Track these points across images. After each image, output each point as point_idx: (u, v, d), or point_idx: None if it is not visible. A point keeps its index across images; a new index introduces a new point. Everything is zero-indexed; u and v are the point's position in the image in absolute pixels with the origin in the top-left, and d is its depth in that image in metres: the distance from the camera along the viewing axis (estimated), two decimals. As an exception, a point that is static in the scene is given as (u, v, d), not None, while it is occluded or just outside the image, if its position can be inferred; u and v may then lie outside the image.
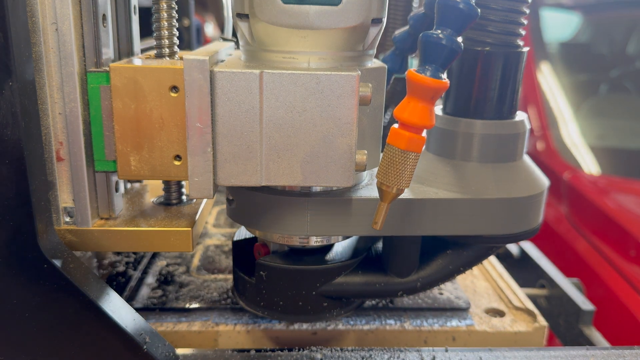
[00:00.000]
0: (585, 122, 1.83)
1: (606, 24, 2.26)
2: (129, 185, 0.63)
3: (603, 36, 2.24)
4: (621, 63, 2.10)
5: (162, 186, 0.58)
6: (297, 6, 0.45)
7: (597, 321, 0.74)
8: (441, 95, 0.44)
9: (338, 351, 0.54)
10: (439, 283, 0.58)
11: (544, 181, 0.57)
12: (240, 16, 0.48)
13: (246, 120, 0.45)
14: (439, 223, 0.53)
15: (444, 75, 0.43)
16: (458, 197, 0.52)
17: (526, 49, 0.53)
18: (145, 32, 0.63)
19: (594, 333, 0.70)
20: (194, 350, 0.54)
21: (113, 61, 0.51)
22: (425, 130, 0.44)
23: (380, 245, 0.61)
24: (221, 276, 0.72)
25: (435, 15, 0.44)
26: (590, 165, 1.66)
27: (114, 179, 0.53)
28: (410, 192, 0.53)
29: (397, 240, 0.55)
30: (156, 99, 0.47)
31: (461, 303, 0.67)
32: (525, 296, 0.70)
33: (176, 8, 0.52)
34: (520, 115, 0.56)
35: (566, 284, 0.76)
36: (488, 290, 0.72)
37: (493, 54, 0.52)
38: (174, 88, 0.47)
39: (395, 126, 0.44)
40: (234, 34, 0.62)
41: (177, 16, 0.52)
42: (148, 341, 0.48)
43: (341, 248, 0.59)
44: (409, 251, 0.56)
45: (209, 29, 2.06)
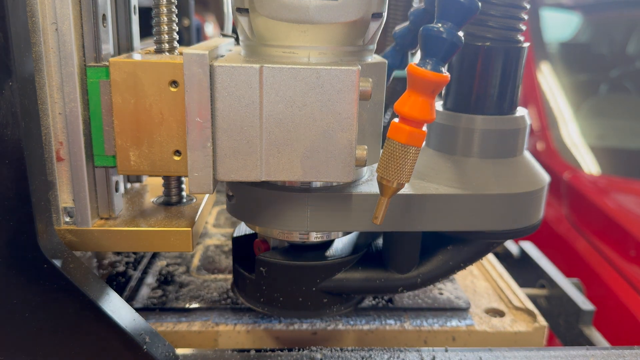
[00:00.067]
0: (585, 122, 1.83)
1: (606, 24, 2.26)
2: (129, 185, 0.63)
3: (603, 36, 2.24)
4: (621, 63, 2.10)
5: (162, 186, 0.58)
6: (297, 0, 0.45)
7: (597, 321, 0.74)
8: (442, 89, 0.44)
9: (338, 351, 0.54)
10: (440, 279, 0.58)
11: (545, 177, 0.57)
12: (240, 11, 0.48)
13: (246, 115, 0.45)
14: (440, 219, 0.53)
15: (445, 69, 0.43)
16: (458, 193, 0.52)
17: (527, 44, 0.53)
18: (145, 32, 0.63)
19: (594, 333, 0.70)
20: (194, 350, 0.54)
21: (113, 61, 0.51)
22: (425, 124, 0.44)
23: (380, 241, 0.61)
24: (221, 276, 0.72)
25: (436, 8, 0.44)
26: (590, 165, 1.66)
27: (114, 179, 0.53)
28: (410, 188, 0.53)
29: (398, 236, 0.55)
30: (156, 94, 0.47)
31: (461, 303, 0.67)
32: (525, 296, 0.70)
33: (176, 3, 0.52)
34: (520, 110, 0.56)
35: (566, 284, 0.76)
36: (488, 290, 0.72)
37: (493, 49, 0.52)
38: (174, 83, 0.47)
39: (395, 120, 0.44)
40: (234, 31, 0.62)
41: (177, 11, 0.52)
42: (148, 341, 0.48)
43: (341, 244, 0.59)
44: (410, 247, 0.56)
45: (209, 29, 2.06)
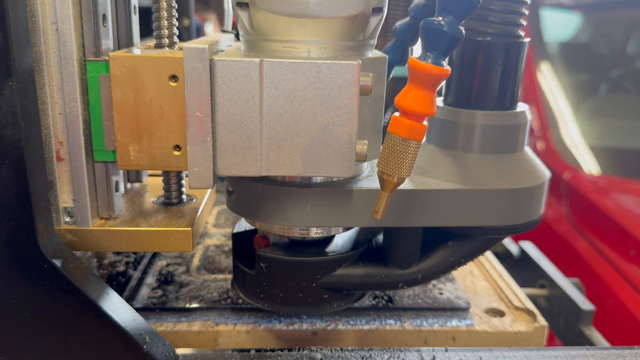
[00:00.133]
0: (585, 122, 1.83)
1: (606, 24, 2.26)
2: (129, 185, 0.63)
3: (603, 36, 2.24)
4: (621, 63, 2.10)
5: (162, 186, 0.58)
6: None
7: (597, 321, 0.74)
8: (443, 82, 0.44)
9: (338, 351, 0.54)
10: (440, 275, 0.58)
11: (545, 172, 0.57)
12: (240, 5, 0.48)
13: (246, 109, 0.45)
14: (440, 214, 0.53)
15: (446, 62, 0.43)
16: (459, 188, 0.52)
17: (527, 40, 0.53)
18: (145, 32, 0.63)
19: (594, 333, 0.70)
20: (194, 350, 0.54)
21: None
22: (426, 118, 0.44)
23: (380, 237, 0.61)
24: (221, 276, 0.72)
25: (436, 2, 0.44)
26: (590, 165, 1.66)
27: (114, 179, 0.53)
28: (411, 183, 0.53)
29: (398, 231, 0.55)
30: (155, 89, 0.47)
31: (461, 303, 0.67)
32: (525, 296, 0.70)
33: None
34: (521, 106, 0.56)
35: (566, 284, 0.76)
36: (488, 290, 0.72)
37: (494, 44, 0.52)
38: (174, 77, 0.47)
39: (396, 114, 0.44)
40: (234, 28, 0.62)
41: (177, 6, 0.52)
42: (148, 341, 0.48)
43: (342, 240, 0.59)
44: (410, 243, 0.56)
45: (209, 29, 2.06)
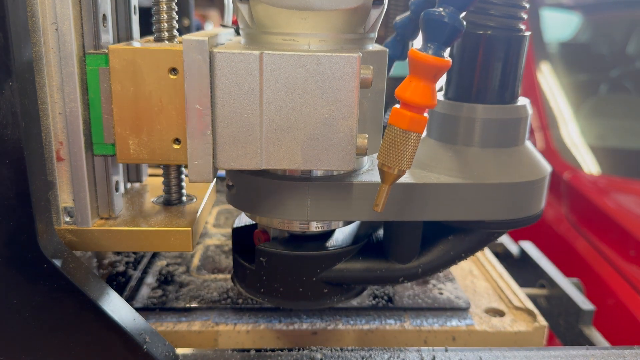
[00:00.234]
0: (585, 122, 1.83)
1: (606, 24, 2.26)
2: (129, 185, 0.63)
3: (603, 36, 2.23)
4: (621, 63, 2.10)
5: (162, 186, 0.58)
6: None
7: (597, 321, 0.74)
8: (443, 74, 0.44)
9: (338, 351, 0.54)
10: (441, 269, 0.58)
11: (546, 167, 0.57)
12: None
13: (246, 102, 0.45)
14: (441, 208, 0.53)
15: (446, 54, 0.43)
16: (460, 182, 0.52)
17: (528, 33, 0.53)
18: (145, 32, 0.63)
19: (594, 333, 0.70)
20: (194, 350, 0.54)
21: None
22: (427, 110, 0.44)
23: (381, 232, 0.61)
24: (221, 276, 0.72)
25: None
26: (590, 165, 1.66)
27: (114, 179, 0.53)
28: (411, 177, 0.53)
29: (398, 225, 0.55)
30: (155, 82, 0.47)
31: (461, 303, 0.67)
32: (525, 296, 0.70)
33: None
34: (522, 100, 0.56)
35: (566, 284, 0.76)
36: (488, 290, 0.72)
37: (495, 38, 0.52)
38: (173, 70, 0.47)
39: (396, 106, 0.44)
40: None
41: (177, 1, 0.52)
42: (148, 341, 0.48)
43: (342, 234, 0.59)
44: (410, 237, 0.56)
45: (209, 29, 2.06)
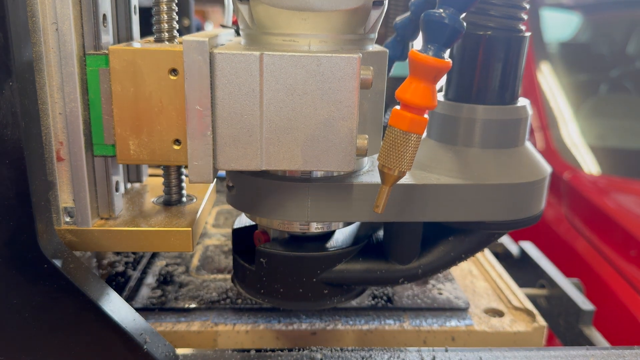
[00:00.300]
0: (585, 122, 1.83)
1: (606, 24, 2.25)
2: (129, 185, 0.63)
3: (603, 36, 2.23)
4: (621, 63, 2.10)
5: (162, 186, 0.58)
6: None
7: (597, 321, 0.74)
8: (444, 75, 0.44)
9: (338, 351, 0.54)
10: (441, 270, 0.58)
11: (546, 167, 0.57)
12: None
13: (246, 103, 0.45)
14: (441, 209, 0.53)
15: (447, 55, 0.43)
16: (460, 183, 0.52)
17: (528, 34, 0.53)
18: (145, 32, 0.63)
19: (594, 333, 0.70)
20: (194, 350, 0.54)
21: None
22: (427, 111, 0.44)
23: (381, 232, 0.61)
24: (220, 276, 0.72)
25: None
26: (590, 165, 1.66)
27: (114, 179, 0.53)
28: (411, 178, 0.53)
29: (399, 226, 0.55)
30: (155, 82, 0.47)
31: (460, 303, 0.67)
32: (524, 296, 0.70)
33: None
34: (522, 101, 0.56)
35: (566, 284, 0.76)
36: (487, 290, 0.72)
37: (495, 38, 0.52)
38: (173, 71, 0.47)
39: (397, 107, 0.44)
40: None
41: (177, 1, 0.52)
42: (148, 341, 0.48)
43: (342, 235, 0.59)
44: (410, 238, 0.56)
45: (209, 29, 2.06)
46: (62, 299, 0.47)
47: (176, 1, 0.52)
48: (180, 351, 0.52)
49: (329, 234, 0.58)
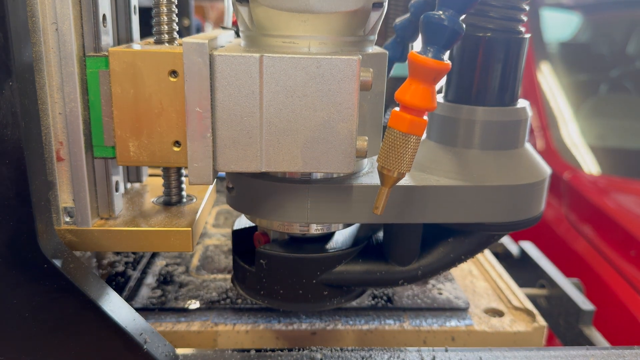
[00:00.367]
0: (585, 122, 1.83)
1: (606, 24, 2.25)
2: (129, 185, 0.63)
3: (603, 36, 2.23)
4: (621, 63, 2.10)
5: (162, 186, 0.58)
6: None
7: (597, 321, 0.74)
8: (443, 77, 0.44)
9: (338, 351, 0.54)
10: (440, 271, 0.58)
11: (546, 169, 0.57)
12: (240, 1, 0.48)
13: (246, 105, 0.45)
14: (440, 210, 0.53)
15: (446, 57, 0.43)
16: (459, 184, 0.52)
17: (527, 35, 0.53)
18: (145, 33, 0.63)
19: (594, 333, 0.70)
20: (194, 350, 0.54)
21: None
22: (426, 113, 0.44)
23: (381, 234, 0.61)
24: (220, 276, 0.72)
25: None
26: (590, 165, 1.66)
27: (114, 179, 0.53)
28: (411, 179, 0.53)
29: (398, 228, 0.55)
30: (155, 84, 0.47)
31: (460, 303, 0.67)
32: (524, 296, 0.70)
33: None
34: (521, 102, 0.56)
35: (566, 284, 0.76)
36: (487, 290, 0.72)
37: (494, 40, 0.52)
38: (173, 73, 0.47)
39: (396, 109, 0.44)
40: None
41: (177, 2, 0.52)
42: (148, 341, 0.48)
43: (342, 237, 0.59)
44: (410, 239, 0.56)
45: (209, 30, 2.06)
46: (62, 299, 0.47)
47: (176, 3, 0.52)
48: (180, 351, 0.52)
49: (329, 236, 0.59)
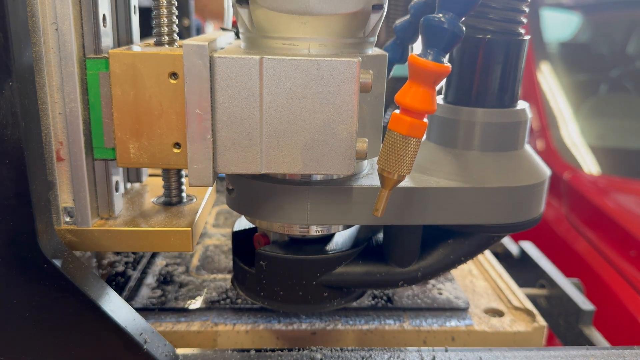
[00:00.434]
0: (585, 122, 1.83)
1: (606, 24, 2.26)
2: (129, 185, 0.63)
3: (603, 36, 2.24)
4: (621, 63, 2.10)
5: (162, 186, 0.58)
6: None
7: (597, 321, 0.74)
8: (443, 79, 0.44)
9: (338, 351, 0.54)
10: (440, 273, 0.58)
11: (546, 170, 0.57)
12: (240, 2, 0.48)
13: (246, 107, 0.45)
14: (440, 212, 0.53)
15: (446, 59, 0.43)
16: (459, 186, 0.52)
17: (527, 37, 0.53)
18: (145, 33, 0.63)
19: (594, 333, 0.70)
20: (194, 350, 0.54)
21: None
22: (426, 115, 0.44)
23: (381, 235, 0.61)
24: (220, 276, 0.72)
25: None
26: (590, 165, 1.66)
27: (114, 179, 0.53)
28: (411, 181, 0.53)
29: (398, 229, 0.55)
30: (155, 86, 0.47)
31: (460, 303, 0.67)
32: (524, 296, 0.70)
33: None
34: (521, 104, 0.56)
35: (566, 284, 0.76)
36: (487, 290, 0.72)
37: (494, 42, 0.52)
38: (173, 75, 0.47)
39: (396, 111, 0.44)
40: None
41: (177, 4, 0.52)
42: (148, 341, 0.48)
43: (342, 238, 0.59)
44: (410, 241, 0.56)
45: (209, 30, 2.06)
46: (62, 299, 0.47)
47: (176, 4, 0.52)
48: (180, 351, 0.52)
49: (329, 237, 0.59)
